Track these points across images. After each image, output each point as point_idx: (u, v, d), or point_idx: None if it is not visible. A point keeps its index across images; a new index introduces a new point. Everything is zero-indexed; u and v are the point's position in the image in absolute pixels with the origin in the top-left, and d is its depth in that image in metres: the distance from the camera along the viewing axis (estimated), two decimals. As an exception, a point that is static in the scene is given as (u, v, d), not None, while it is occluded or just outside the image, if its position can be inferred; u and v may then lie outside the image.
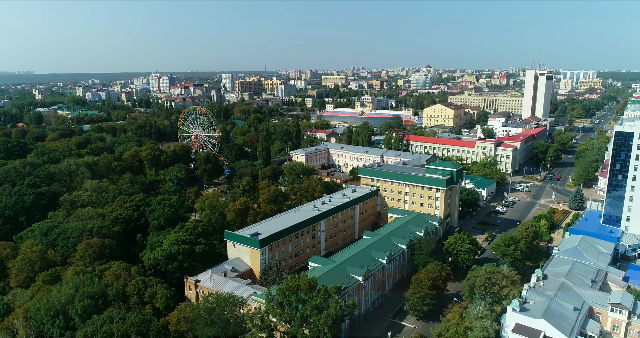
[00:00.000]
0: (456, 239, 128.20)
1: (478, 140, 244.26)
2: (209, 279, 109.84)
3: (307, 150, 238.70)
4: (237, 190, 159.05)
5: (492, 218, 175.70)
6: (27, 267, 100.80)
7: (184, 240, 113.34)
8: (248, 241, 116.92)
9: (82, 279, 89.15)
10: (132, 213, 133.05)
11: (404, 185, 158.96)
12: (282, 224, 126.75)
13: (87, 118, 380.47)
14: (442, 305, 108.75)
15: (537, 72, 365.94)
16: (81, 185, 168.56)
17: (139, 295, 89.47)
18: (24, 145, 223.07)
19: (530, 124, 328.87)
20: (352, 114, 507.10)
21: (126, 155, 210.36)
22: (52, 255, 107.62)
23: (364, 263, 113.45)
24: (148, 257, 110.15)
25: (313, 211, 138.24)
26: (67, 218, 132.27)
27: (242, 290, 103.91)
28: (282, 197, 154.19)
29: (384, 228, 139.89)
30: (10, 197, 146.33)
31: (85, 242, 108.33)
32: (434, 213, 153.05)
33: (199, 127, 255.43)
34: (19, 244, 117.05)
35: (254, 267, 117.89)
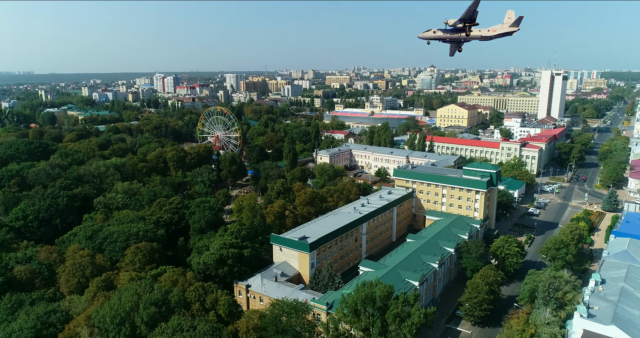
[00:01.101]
0: (503, 242, 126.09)
1: (502, 141, 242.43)
2: (259, 284, 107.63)
3: (331, 151, 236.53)
4: (272, 193, 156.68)
5: (526, 220, 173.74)
6: (78, 272, 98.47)
7: (232, 244, 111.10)
8: (296, 245, 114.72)
9: (142, 285, 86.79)
10: (172, 216, 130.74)
11: (441, 187, 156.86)
12: (326, 227, 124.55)
13: (99, 119, 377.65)
14: (497, 310, 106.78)
15: (554, 72, 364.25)
16: (111, 187, 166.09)
17: (201, 302, 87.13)
18: (45, 146, 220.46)
19: (548, 125, 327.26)
20: (362, 114, 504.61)
21: (150, 156, 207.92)
22: (101, 259, 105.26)
23: (416, 268, 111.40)
24: (197, 261, 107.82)
25: (354, 214, 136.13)
26: (106, 221, 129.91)
27: (297, 296, 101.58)
28: (319, 199, 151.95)
29: (426, 231, 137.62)
30: (43, 200, 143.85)
31: (134, 246, 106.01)
32: (473, 215, 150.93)
33: (220, 128, 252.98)
34: (63, 248, 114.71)
35: (302, 271, 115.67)
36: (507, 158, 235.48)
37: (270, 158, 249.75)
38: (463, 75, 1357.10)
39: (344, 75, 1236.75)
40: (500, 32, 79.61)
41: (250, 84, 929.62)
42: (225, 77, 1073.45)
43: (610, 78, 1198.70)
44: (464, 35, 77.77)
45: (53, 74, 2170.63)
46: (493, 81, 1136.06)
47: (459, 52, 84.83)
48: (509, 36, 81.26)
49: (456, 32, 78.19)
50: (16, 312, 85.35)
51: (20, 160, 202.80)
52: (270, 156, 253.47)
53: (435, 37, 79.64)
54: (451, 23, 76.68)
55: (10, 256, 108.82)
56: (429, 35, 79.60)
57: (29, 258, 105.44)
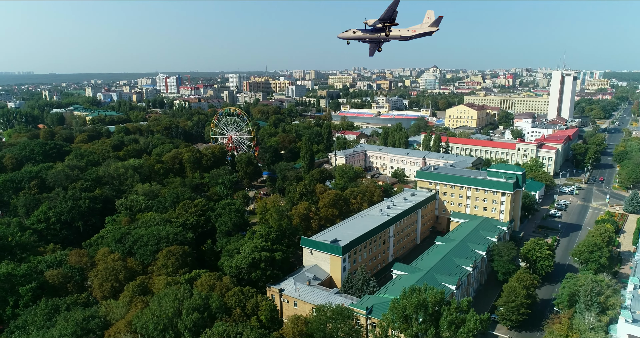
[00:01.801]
0: (534, 245, 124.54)
1: (518, 142, 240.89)
2: (293, 288, 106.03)
3: (346, 152, 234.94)
4: (295, 194, 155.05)
5: (549, 222, 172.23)
6: (111, 276, 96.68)
7: (263, 247, 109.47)
8: (328, 248, 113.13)
9: (181, 290, 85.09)
10: (198, 219, 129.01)
11: (465, 189, 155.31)
12: (355, 230, 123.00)
13: (107, 119, 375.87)
14: (533, 315, 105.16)
15: (564, 73, 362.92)
16: (131, 189, 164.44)
17: (241, 307, 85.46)
18: (60, 147, 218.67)
19: (560, 125, 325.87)
20: (369, 115, 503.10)
21: (166, 158, 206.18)
22: (133, 263, 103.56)
23: (450, 271, 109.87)
24: (229, 265, 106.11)
25: (382, 216, 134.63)
26: (131, 224, 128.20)
27: (333, 300, 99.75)
28: (342, 201, 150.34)
29: (454, 234, 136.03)
30: (65, 202, 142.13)
31: (165, 249, 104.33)
32: (499, 217, 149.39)
33: (234, 129, 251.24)
34: (91, 252, 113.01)
35: (334, 274, 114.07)
36: (523, 159, 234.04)
37: (283, 159, 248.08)
38: (465, 76, 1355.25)
39: (345, 76, 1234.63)
40: (420, 32, 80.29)
41: (254, 84, 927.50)
42: (228, 77, 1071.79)
43: (611, 78, 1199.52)
44: (384, 35, 77.79)
45: (53, 74, 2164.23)
46: (495, 81, 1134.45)
47: (378, 52, 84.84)
48: (429, 36, 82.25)
49: (376, 32, 78.11)
50: (53, 317, 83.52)
51: (35, 161, 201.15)
52: (283, 157, 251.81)
53: (355, 37, 79.24)
54: (371, 23, 76.47)
55: (39, 259, 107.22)
56: (348, 35, 79.18)
57: (59, 262, 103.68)
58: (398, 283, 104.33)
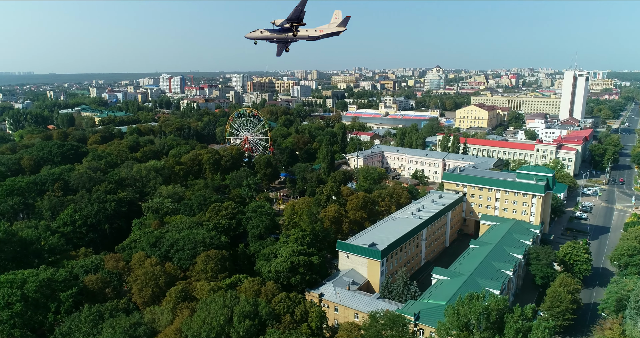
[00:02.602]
0: (571, 248, 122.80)
1: (537, 143, 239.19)
2: (333, 293, 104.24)
3: (364, 154, 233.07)
4: (321, 197, 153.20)
5: (576, 224, 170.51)
6: (151, 281, 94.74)
7: (301, 251, 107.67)
8: (366, 252, 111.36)
9: (229, 296, 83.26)
10: (229, 222, 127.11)
11: (494, 191, 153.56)
12: (390, 233, 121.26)
13: (117, 120, 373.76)
14: (576, 320, 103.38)
15: (576, 73, 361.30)
16: (154, 191, 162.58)
17: (290, 313, 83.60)
18: (77, 148, 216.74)
19: (574, 126, 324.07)
20: (376, 115, 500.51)
21: (185, 159, 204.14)
22: (171, 268, 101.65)
23: (491, 275, 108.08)
24: (267, 269, 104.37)
25: (414, 219, 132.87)
26: (161, 227, 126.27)
27: (375, 305, 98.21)
28: (371, 204, 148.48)
29: (487, 237, 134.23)
30: (91, 205, 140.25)
31: (204, 254, 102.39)
32: (529, 220, 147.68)
33: (250, 130, 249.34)
34: (125, 256, 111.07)
35: (372, 279, 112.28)
36: (542, 160, 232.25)
37: (299, 160, 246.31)
38: (468, 76, 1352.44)
39: (348, 76, 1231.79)
40: (327, 32, 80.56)
41: (257, 85, 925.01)
42: (231, 77, 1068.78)
43: (613, 78, 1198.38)
44: (291, 35, 77.73)
45: (53, 74, 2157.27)
46: (499, 81, 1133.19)
47: (286, 52, 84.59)
48: (337, 36, 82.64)
49: (283, 32, 77.98)
50: (98, 324, 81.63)
51: (53, 163, 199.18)
52: (299, 158, 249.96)
53: (263, 37, 78.94)
54: (278, 23, 76.36)
55: (73, 264, 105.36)
56: (256, 35, 78.77)
57: (96, 267, 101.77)
58: (440, 288, 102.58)
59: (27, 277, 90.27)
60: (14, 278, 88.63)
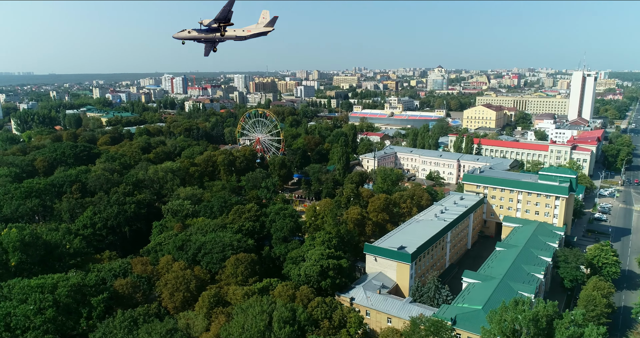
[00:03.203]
0: (599, 251, 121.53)
1: (551, 144, 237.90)
2: (364, 297, 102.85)
3: (377, 154, 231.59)
4: (342, 199, 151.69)
5: (597, 226, 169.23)
6: (182, 286, 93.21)
7: (329, 255, 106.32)
8: (395, 255, 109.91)
9: (265, 301, 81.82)
10: (254, 225, 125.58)
11: (516, 192, 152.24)
12: (416, 236, 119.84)
13: (124, 120, 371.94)
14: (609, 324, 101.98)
15: (585, 74, 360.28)
16: (171, 193, 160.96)
17: (328, 319, 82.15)
18: (89, 149, 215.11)
19: (582, 126, 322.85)
20: (382, 115, 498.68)
21: (199, 160, 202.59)
22: (200, 272, 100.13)
23: (523, 279, 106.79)
24: (297, 273, 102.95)
25: (439, 221, 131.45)
26: (185, 230, 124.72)
27: (408, 310, 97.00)
28: (392, 205, 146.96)
29: (512, 239, 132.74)
30: (110, 207, 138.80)
31: (233, 257, 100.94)
32: (552, 222, 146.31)
33: (261, 131, 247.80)
34: (151, 259, 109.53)
35: (401, 282, 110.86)
36: (556, 161, 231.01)
37: (311, 161, 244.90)
38: (469, 76, 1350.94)
39: (349, 76, 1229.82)
40: (255, 32, 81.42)
41: (260, 85, 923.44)
42: (233, 77, 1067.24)
43: (614, 78, 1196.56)
44: (219, 35, 78.14)
45: (53, 75, 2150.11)
46: (500, 81, 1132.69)
47: (213, 52, 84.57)
48: (264, 36, 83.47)
49: (211, 32, 78.18)
50: (133, 330, 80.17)
51: (67, 164, 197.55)
52: (311, 159, 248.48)
53: (191, 37, 78.84)
54: (206, 23, 76.37)
55: (99, 267, 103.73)
56: (183, 35, 78.57)
57: (125, 271, 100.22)
58: (473, 292, 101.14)
59: (57, 281, 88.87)
60: (44, 283, 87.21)
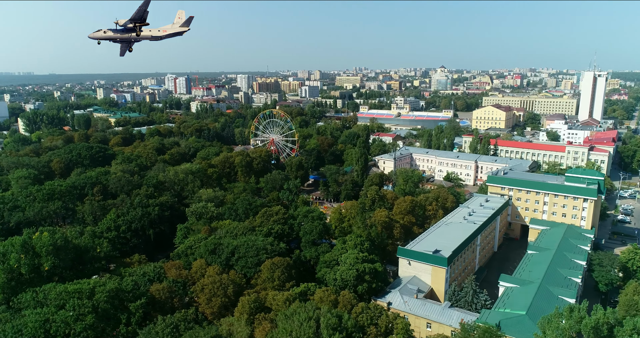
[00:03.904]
0: (633, 254, 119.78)
1: (568, 145, 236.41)
2: (401, 301, 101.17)
3: (394, 155, 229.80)
4: (367, 201, 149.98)
5: (621, 228, 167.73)
6: (220, 291, 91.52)
7: (364, 258, 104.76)
8: (430, 258, 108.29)
9: (309, 307, 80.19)
10: (282, 228, 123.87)
11: (542, 194, 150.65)
12: (448, 239, 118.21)
13: (132, 121, 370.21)
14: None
15: (596, 74, 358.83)
16: (192, 195, 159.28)
17: (375, 325, 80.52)
18: (104, 150, 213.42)
19: (594, 127, 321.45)
20: (388, 116, 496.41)
21: (215, 161, 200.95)
22: (235, 276, 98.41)
23: (561, 283, 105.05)
24: (333, 277, 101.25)
25: (469, 224, 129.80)
26: (213, 233, 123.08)
27: (448, 315, 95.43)
28: (418, 208, 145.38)
29: (542, 242, 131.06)
30: (134, 209, 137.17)
31: (269, 261, 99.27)
32: (579, 224, 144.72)
33: (276, 131, 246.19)
34: (183, 263, 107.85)
35: (436, 286, 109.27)
36: (573, 162, 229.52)
37: (325, 162, 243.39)
38: (471, 76, 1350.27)
39: (352, 76, 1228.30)
40: (170, 32, 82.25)
41: (263, 85, 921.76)
42: (236, 77, 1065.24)
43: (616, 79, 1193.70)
44: (135, 35, 78.71)
45: (53, 75, 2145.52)
46: (503, 82, 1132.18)
47: (129, 52, 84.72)
48: (180, 36, 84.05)
49: (127, 32, 78.60)
50: (175, 337, 78.46)
51: (83, 165, 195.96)
52: (325, 160, 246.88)
53: (106, 37, 78.85)
54: (122, 23, 76.95)
55: (130, 271, 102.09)
56: (99, 35, 78.38)
57: (159, 275, 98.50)
58: (512, 296, 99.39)
59: (94, 286, 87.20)
60: (81, 288, 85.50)
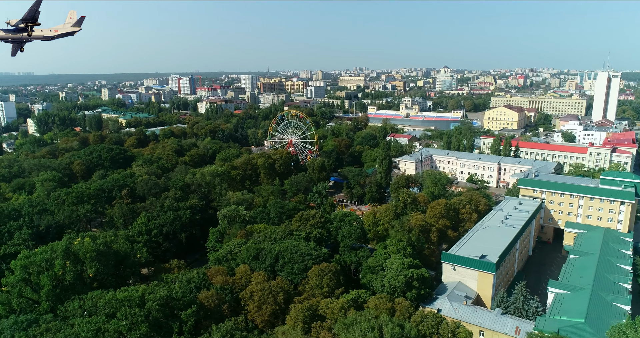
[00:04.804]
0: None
1: (590, 146, 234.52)
2: (450, 308, 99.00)
3: (415, 157, 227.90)
4: (399, 204, 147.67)
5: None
6: (270, 298, 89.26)
7: (411, 264, 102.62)
8: (477, 264, 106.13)
9: (368, 316, 77.98)
10: (321, 232, 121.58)
11: (577, 197, 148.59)
12: (492, 243, 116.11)
13: (143, 121, 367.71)
14: None
15: (611, 74, 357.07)
16: (220, 198, 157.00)
17: (437, 334, 78.28)
18: (124, 152, 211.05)
19: (610, 128, 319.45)
20: (397, 116, 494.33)
21: (237, 163, 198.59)
22: (283, 283, 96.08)
23: (611, 289, 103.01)
24: (381, 283, 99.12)
25: (508, 228, 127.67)
26: (249, 237, 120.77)
27: (503, 323, 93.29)
28: (452, 211, 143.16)
29: (582, 246, 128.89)
30: (165, 213, 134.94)
31: (317, 267, 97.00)
32: (615, 227, 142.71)
33: (294, 133, 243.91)
34: (226, 269, 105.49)
35: (483, 292, 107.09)
36: (595, 163, 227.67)
37: (344, 163, 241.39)
38: (474, 76, 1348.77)
39: (354, 77, 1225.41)
40: (62, 32, 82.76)
41: (267, 85, 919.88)
42: (240, 77, 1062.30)
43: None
44: (26, 35, 78.66)
45: (53, 75, 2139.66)
46: (507, 82, 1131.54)
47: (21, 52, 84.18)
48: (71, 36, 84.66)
49: (18, 32, 78.53)
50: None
51: (104, 167, 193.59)
52: (344, 161, 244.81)
53: None
54: (13, 23, 76.86)
55: (172, 277, 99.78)
56: None
57: (204, 282, 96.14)
58: (565, 303, 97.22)
59: (143, 294, 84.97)
60: (131, 296, 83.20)
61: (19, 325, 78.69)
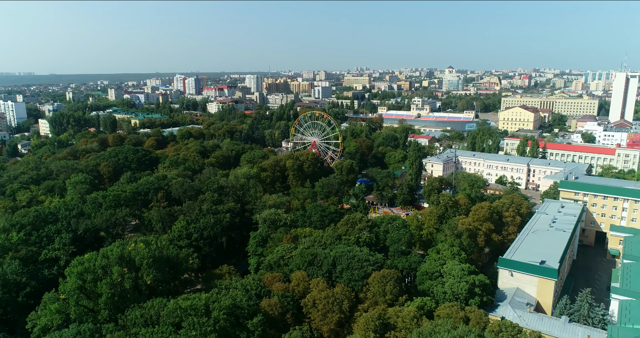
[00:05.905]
0: None
1: (618, 147, 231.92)
2: (514, 315, 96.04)
3: (442, 158, 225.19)
4: (440, 207, 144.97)
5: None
6: (335, 306, 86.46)
7: (470, 270, 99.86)
8: (537, 270, 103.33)
9: (445, 325, 75.23)
10: (370, 236, 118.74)
11: (621, 200, 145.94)
12: (547, 248, 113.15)
13: (157, 122, 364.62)
14: None
15: (629, 75, 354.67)
16: (255, 200, 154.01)
17: (514, 345, 75.51)
18: (149, 153, 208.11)
19: (630, 128, 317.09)
20: (408, 117, 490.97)
21: (265, 165, 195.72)
22: (344, 290, 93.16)
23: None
24: (442, 290, 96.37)
25: (558, 232, 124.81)
26: (296, 241, 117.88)
27: (572, 331, 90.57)
28: (496, 214, 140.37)
29: (634, 250, 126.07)
30: (204, 216, 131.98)
31: (379, 274, 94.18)
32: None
33: (317, 134, 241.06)
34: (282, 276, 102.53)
35: (543, 299, 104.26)
36: (624, 165, 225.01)
37: (368, 165, 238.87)
38: (478, 77, 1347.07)
39: (359, 77, 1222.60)
40: None
41: (273, 86, 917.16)
42: (245, 78, 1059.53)
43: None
44: None
45: (54, 75, 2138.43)
46: (511, 82, 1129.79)
47: None
48: None
49: None
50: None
51: (130, 169, 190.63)
52: (368, 163, 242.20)
53: None
54: None
55: (226, 284, 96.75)
56: None
57: (262, 289, 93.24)
58: (634, 311, 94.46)
59: (207, 302, 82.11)
60: (196, 305, 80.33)
61: (82, 335, 75.86)
